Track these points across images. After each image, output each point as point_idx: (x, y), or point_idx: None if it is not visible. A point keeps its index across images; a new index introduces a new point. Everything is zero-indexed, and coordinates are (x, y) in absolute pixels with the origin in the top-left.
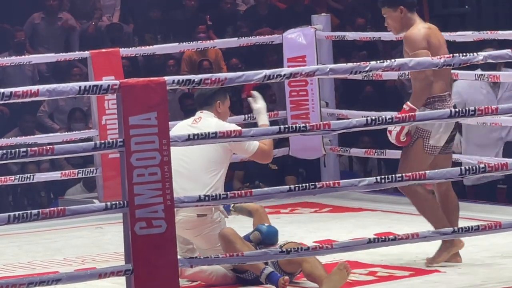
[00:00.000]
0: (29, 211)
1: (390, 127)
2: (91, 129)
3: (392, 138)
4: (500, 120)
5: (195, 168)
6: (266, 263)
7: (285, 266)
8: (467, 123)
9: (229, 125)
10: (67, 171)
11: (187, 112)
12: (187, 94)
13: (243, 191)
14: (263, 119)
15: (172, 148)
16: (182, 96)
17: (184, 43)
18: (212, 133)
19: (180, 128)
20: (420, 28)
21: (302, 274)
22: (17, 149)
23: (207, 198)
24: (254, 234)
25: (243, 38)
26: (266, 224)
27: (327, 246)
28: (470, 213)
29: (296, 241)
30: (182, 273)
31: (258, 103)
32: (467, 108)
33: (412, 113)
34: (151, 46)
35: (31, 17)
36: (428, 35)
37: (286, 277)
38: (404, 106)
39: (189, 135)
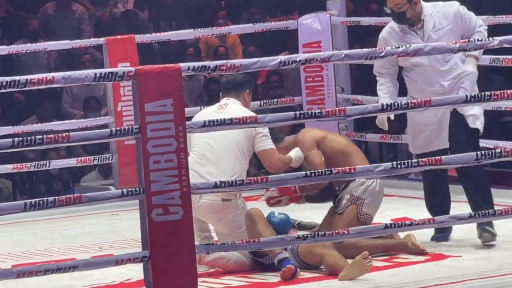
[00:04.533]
0: (45, 198)
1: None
2: (107, 115)
3: (264, 197)
4: None
5: (222, 153)
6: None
7: (306, 258)
8: None
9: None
10: (83, 158)
11: (212, 98)
12: (213, 80)
13: (259, 177)
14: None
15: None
16: (207, 82)
17: (199, 29)
18: (228, 120)
19: (205, 114)
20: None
21: (324, 266)
22: (33, 136)
23: (223, 184)
24: None
25: (258, 24)
26: (276, 213)
27: (343, 232)
28: None
29: (303, 220)
30: (201, 259)
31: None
32: (482, 93)
33: (423, 100)
34: (166, 33)
35: (44, 7)
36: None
37: (290, 267)
38: (293, 187)
39: (204, 122)
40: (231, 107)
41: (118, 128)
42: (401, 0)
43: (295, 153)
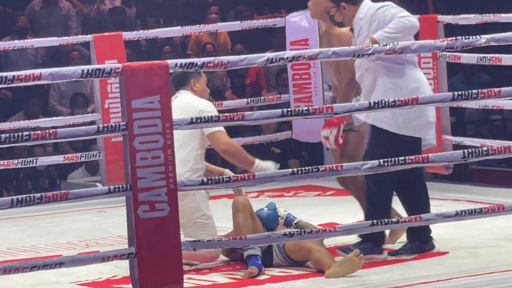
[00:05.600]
0: (32, 195)
1: (325, 133)
2: (94, 112)
3: (331, 144)
4: (503, 103)
5: None
6: (270, 251)
7: (293, 253)
8: None
9: (199, 101)
10: (70, 155)
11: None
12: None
13: (246, 174)
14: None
15: None
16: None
17: (186, 26)
18: (215, 117)
19: None
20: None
21: (310, 261)
22: (20, 133)
23: (210, 181)
24: None
25: (245, 21)
26: (265, 209)
27: (330, 229)
28: (473, 196)
29: (301, 219)
30: None
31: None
32: (469, 92)
33: (410, 98)
34: (153, 30)
35: (31, 4)
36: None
37: (252, 270)
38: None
39: (192, 119)
40: (180, 97)
41: (105, 125)
42: (329, 4)
43: (263, 164)
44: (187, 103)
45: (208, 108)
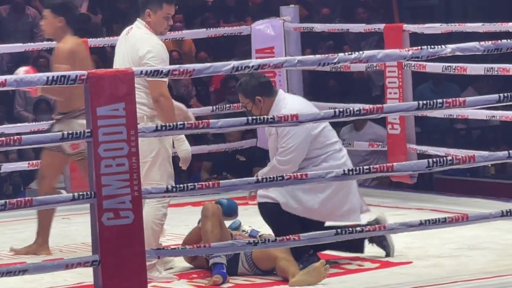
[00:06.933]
0: None
1: None
2: None
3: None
4: (468, 113)
5: None
6: (236, 259)
7: (260, 263)
8: None
9: (144, 44)
10: (34, 161)
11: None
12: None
13: (210, 182)
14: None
15: None
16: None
17: None
18: (180, 124)
19: (120, 38)
20: (69, 42)
21: (276, 269)
22: None
23: (174, 189)
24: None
25: (211, 29)
26: (226, 198)
27: (294, 238)
28: (437, 205)
29: (265, 233)
30: None
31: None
32: (435, 101)
33: (375, 107)
34: (119, 37)
35: None
36: (75, 51)
37: (217, 279)
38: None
39: (156, 126)
40: (133, 31)
41: (70, 132)
42: (244, 100)
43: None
44: (133, 47)
45: (149, 56)
